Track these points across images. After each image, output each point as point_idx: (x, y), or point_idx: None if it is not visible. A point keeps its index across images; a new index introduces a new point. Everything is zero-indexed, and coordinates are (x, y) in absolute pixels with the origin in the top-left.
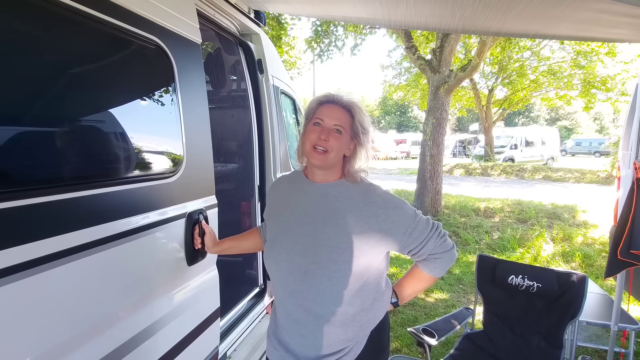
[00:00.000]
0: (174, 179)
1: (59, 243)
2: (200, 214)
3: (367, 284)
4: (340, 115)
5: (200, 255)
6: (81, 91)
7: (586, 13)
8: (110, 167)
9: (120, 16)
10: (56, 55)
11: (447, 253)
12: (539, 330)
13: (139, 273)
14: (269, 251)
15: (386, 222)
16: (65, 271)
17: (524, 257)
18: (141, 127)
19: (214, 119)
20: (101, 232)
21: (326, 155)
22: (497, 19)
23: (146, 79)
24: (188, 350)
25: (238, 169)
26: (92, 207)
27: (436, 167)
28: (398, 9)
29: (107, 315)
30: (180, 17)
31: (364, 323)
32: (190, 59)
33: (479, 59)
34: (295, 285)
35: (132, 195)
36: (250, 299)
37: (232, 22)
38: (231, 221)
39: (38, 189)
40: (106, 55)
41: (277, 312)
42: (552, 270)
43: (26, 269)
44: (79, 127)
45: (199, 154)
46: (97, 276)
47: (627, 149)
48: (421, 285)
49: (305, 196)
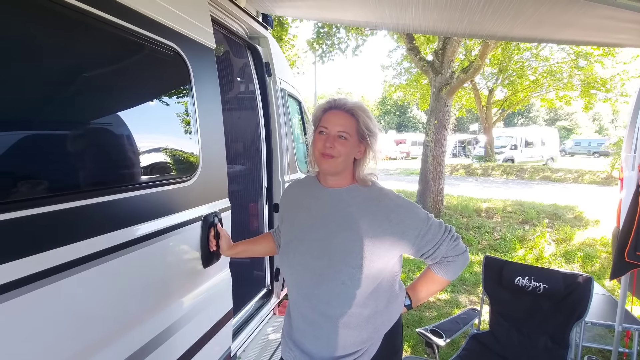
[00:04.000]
0: (191, 182)
1: (77, 250)
2: (216, 216)
3: (381, 286)
4: (344, 120)
5: (215, 258)
6: (103, 98)
7: (593, 19)
8: (129, 173)
9: (141, 24)
10: (82, 63)
11: (460, 256)
12: (545, 330)
13: (158, 277)
14: (283, 255)
15: (399, 226)
16: (86, 277)
17: (526, 258)
18: (160, 131)
19: (224, 121)
20: (121, 238)
21: (334, 160)
22: (505, 25)
23: (164, 85)
24: (203, 351)
25: (246, 171)
26: (114, 212)
27: (438, 168)
28: (407, 13)
29: (126, 319)
30: (196, 23)
31: (378, 325)
32: (206, 64)
33: (481, 60)
34: (309, 288)
35: (150, 200)
36: (258, 300)
37: (241, 26)
38: (239, 223)
39: (57, 196)
40: (127, 61)
41: (292, 314)
42: (559, 271)
43: (49, 275)
44: (101, 133)
45: (214, 157)
46: (117, 281)
47: (630, 151)
48: (435, 288)
49: (319, 201)
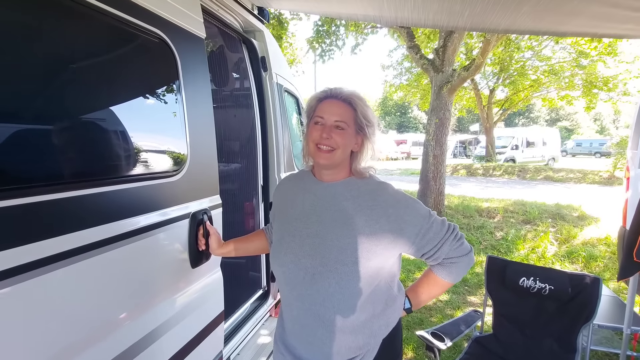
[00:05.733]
0: (178, 177)
1: (55, 245)
2: (205, 214)
3: (378, 288)
4: (341, 110)
5: (204, 257)
6: (80, 86)
7: (600, 8)
8: (110, 165)
9: (121, 7)
10: (54, 49)
11: (464, 257)
12: (551, 333)
13: (142, 276)
14: (275, 253)
15: (398, 222)
16: (64, 275)
17: (529, 258)
18: (143, 123)
19: (217, 117)
20: (101, 234)
21: (332, 153)
22: (508, 16)
23: (149, 74)
24: (192, 355)
25: (241, 169)
26: (92, 207)
27: (439, 168)
28: (406, 5)
29: (108, 319)
30: (184, 10)
31: (375, 330)
32: (195, 54)
33: (482, 58)
34: (302, 288)
35: (133, 195)
36: (253, 302)
37: (235, 19)
38: (234, 222)
39: (32, 188)
40: (107, 49)
41: (284, 316)
42: (565, 272)
43: (22, 273)
44: (77, 123)
45: (203, 151)
46: (98, 280)
47: (636, 149)
48: (436, 291)
49: (313, 196)
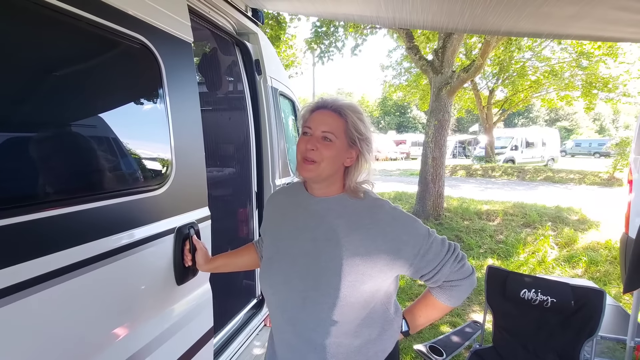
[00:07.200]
0: (162, 190)
1: (30, 269)
2: (191, 228)
3: (374, 311)
4: (330, 120)
5: (190, 274)
6: (58, 95)
7: (607, 11)
8: (90, 181)
9: (100, 12)
10: (33, 56)
11: (465, 280)
12: (553, 347)
13: (123, 296)
14: (264, 273)
15: (395, 242)
16: (41, 299)
17: (528, 262)
18: (125, 134)
19: (210, 122)
20: (79, 255)
21: (316, 166)
22: (510, 18)
23: (130, 82)
24: None
25: (234, 175)
26: (67, 227)
27: (438, 170)
28: (404, 6)
29: (89, 342)
30: (169, 13)
31: (370, 356)
32: (181, 60)
33: (482, 59)
34: (294, 312)
35: (113, 212)
36: (247, 312)
37: (228, 21)
38: (227, 230)
39: (7, 209)
40: (85, 56)
41: (275, 340)
42: (567, 284)
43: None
44: (51, 136)
45: (190, 162)
46: (77, 302)
47: (639, 153)
48: (435, 315)
49: (305, 211)
